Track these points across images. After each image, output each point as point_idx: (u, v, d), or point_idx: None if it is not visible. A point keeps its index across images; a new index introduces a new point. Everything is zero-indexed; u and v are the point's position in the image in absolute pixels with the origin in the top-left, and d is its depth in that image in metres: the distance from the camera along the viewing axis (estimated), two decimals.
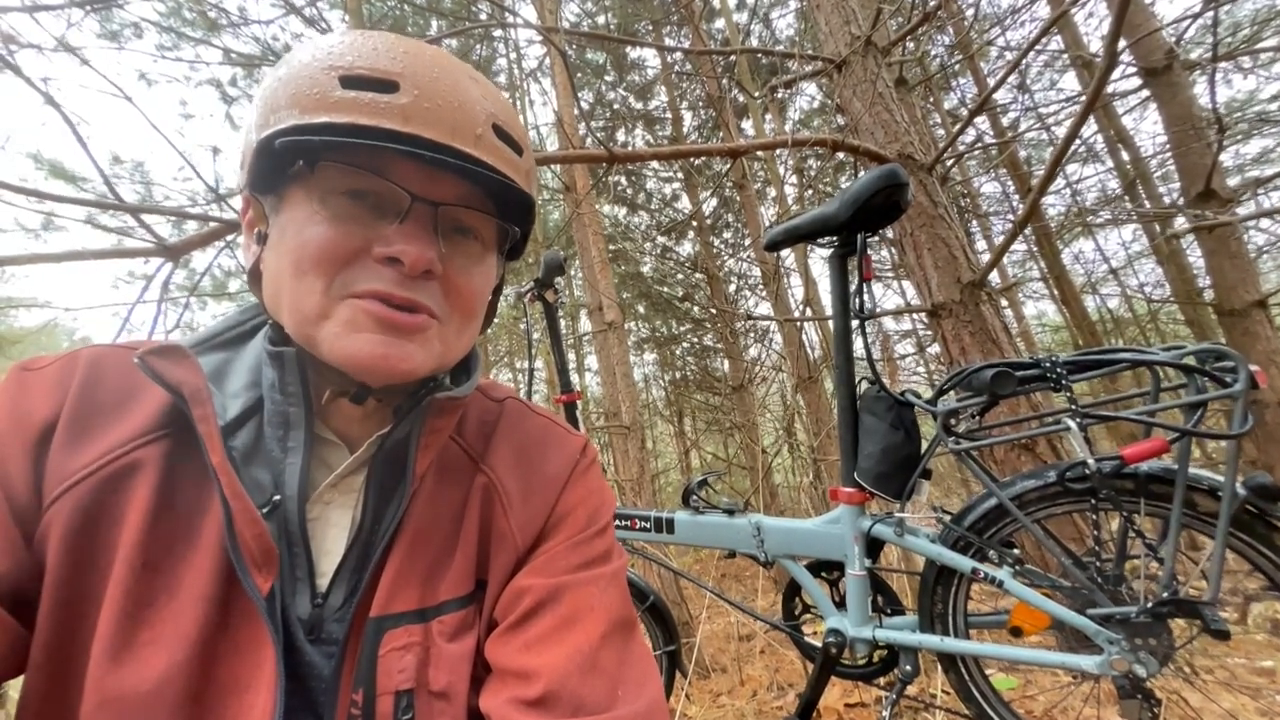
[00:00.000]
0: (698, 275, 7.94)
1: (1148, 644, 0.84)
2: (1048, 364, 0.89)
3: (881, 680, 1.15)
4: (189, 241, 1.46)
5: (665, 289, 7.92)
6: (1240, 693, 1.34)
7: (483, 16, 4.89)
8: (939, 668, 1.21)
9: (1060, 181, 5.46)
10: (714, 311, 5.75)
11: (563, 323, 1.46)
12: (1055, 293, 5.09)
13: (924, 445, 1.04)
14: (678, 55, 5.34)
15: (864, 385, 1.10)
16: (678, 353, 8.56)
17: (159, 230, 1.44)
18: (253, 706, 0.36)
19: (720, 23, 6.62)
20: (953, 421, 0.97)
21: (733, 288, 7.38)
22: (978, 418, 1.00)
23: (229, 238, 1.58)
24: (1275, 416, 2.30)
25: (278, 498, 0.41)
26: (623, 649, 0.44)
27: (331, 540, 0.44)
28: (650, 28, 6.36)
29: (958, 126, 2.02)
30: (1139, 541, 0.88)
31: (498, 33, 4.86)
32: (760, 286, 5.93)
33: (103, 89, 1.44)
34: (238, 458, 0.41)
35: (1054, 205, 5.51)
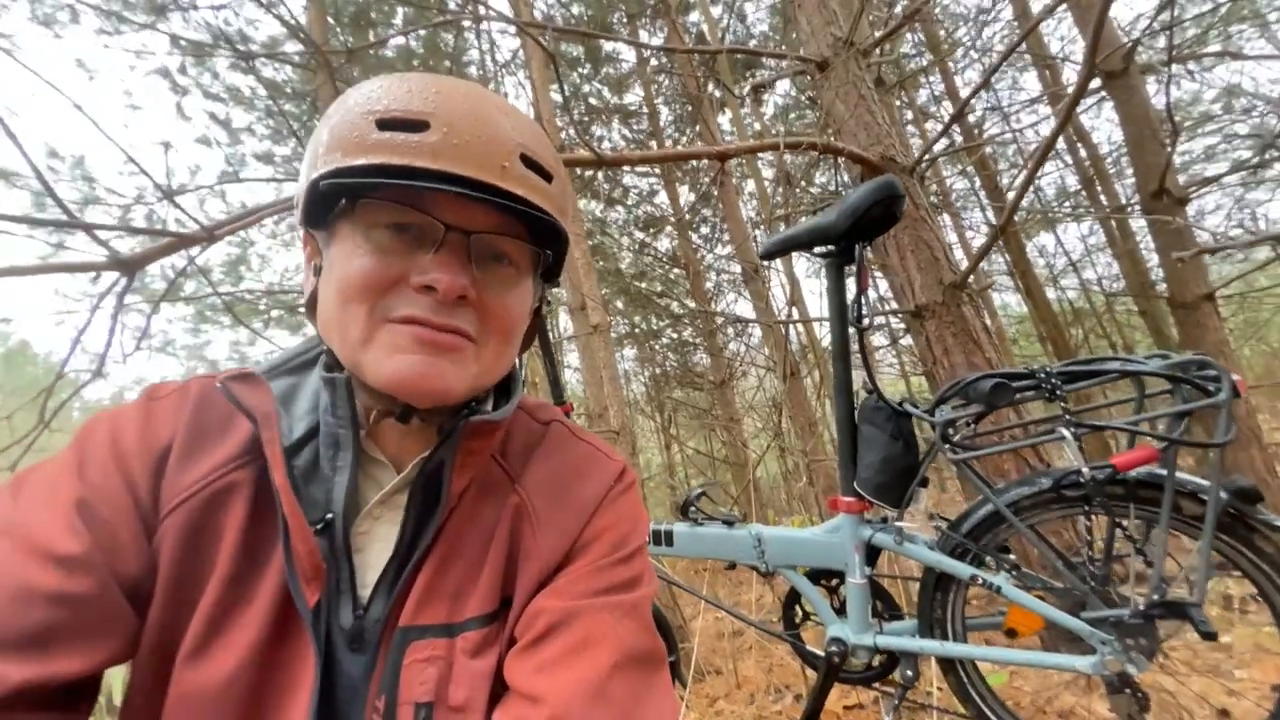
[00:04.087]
0: (676, 271, 7.95)
1: (1138, 643, 0.87)
2: (1042, 374, 0.91)
3: (877, 684, 1.17)
4: (145, 255, 1.37)
5: (644, 285, 7.90)
6: (1204, 674, 1.42)
7: (453, 4, 4.73)
8: (934, 668, 1.25)
9: (1022, 177, 5.65)
10: (695, 309, 5.76)
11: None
12: (1019, 285, 5.29)
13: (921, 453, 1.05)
14: (655, 50, 5.30)
15: (862, 395, 1.11)
16: (657, 348, 8.56)
17: (107, 232, 1.34)
18: (295, 708, 0.40)
19: (695, 15, 6.58)
20: (950, 431, 0.99)
21: (711, 283, 7.41)
22: (973, 426, 1.02)
23: (189, 250, 1.49)
24: (1242, 420, 2.42)
25: (330, 515, 0.45)
26: (638, 684, 0.43)
27: (376, 555, 0.47)
28: (625, 20, 6.28)
29: (937, 132, 2.06)
30: (1127, 544, 0.92)
31: (468, 23, 4.73)
32: (740, 282, 5.97)
33: (34, 80, 1.33)
34: (299, 477, 0.45)
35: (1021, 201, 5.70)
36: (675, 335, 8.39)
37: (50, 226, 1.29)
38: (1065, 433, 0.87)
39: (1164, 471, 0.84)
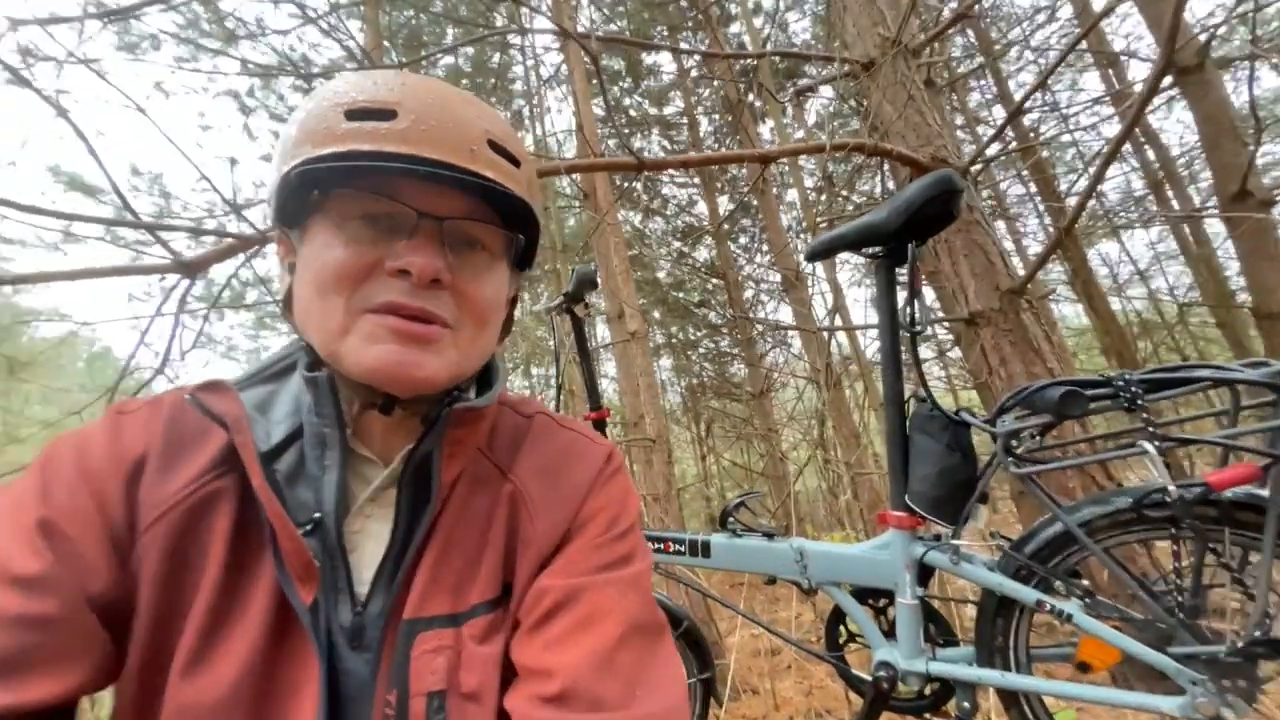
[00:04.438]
0: (714, 281, 7.90)
1: (1236, 685, 0.78)
2: (1120, 382, 0.83)
3: (929, 714, 1.09)
4: (205, 257, 1.46)
5: (681, 294, 7.88)
6: None
7: (499, 23, 4.91)
8: (993, 700, 1.16)
9: (1084, 180, 5.34)
10: (733, 318, 5.69)
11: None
12: (1080, 295, 4.97)
13: (980, 465, 0.98)
14: (694, 60, 5.32)
15: (913, 403, 1.05)
16: (694, 358, 8.51)
17: (178, 243, 1.43)
18: (300, 710, 0.40)
19: (735, 27, 6.60)
20: (1014, 443, 0.92)
21: (749, 293, 7.32)
22: (1038, 438, 0.95)
23: (247, 252, 1.57)
24: None
25: (319, 515, 0.44)
26: (643, 651, 0.45)
27: (371, 552, 0.46)
28: (666, 33, 6.35)
29: (991, 133, 1.96)
30: (1221, 572, 0.83)
31: (515, 39, 4.88)
32: (779, 291, 5.87)
33: (118, 101, 1.45)
34: (281, 480, 0.44)
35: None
36: (712, 345, 8.32)
37: (109, 224, 1.39)
38: (1149, 446, 0.79)
39: (1266, 492, 0.75)
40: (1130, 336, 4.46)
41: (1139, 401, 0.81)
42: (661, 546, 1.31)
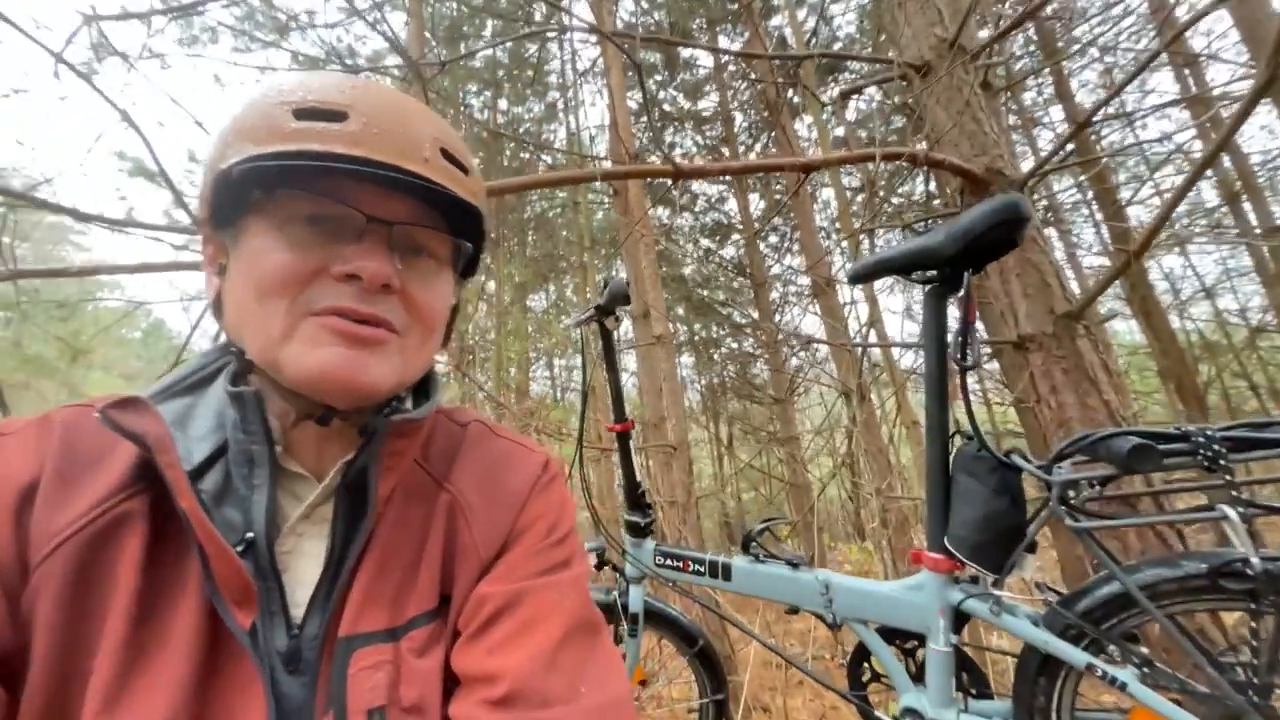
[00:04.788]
0: (740, 280, 7.77)
1: None
2: (1201, 438, 0.75)
3: None
4: None
5: (707, 292, 7.78)
6: None
7: (538, 16, 4.89)
8: None
9: (1148, 189, 5.02)
10: (761, 325, 5.58)
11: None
12: (1136, 311, 4.68)
13: (1029, 512, 0.91)
14: (737, 55, 5.19)
15: (958, 440, 0.98)
16: (716, 358, 8.40)
17: None
18: None
19: (777, 19, 6.41)
20: (1070, 494, 0.85)
21: (776, 294, 7.17)
22: (1098, 489, 0.87)
23: None
24: None
25: (250, 534, 0.42)
26: (585, 650, 0.46)
27: (305, 571, 0.45)
28: (705, 25, 6.22)
29: (1049, 142, 1.83)
30: None
31: (553, 34, 4.86)
32: (808, 294, 5.72)
33: (181, 91, 1.47)
34: (208, 500, 0.42)
35: (1138, 216, 5.07)
36: (736, 345, 8.20)
37: (159, 229, 1.41)
38: (1231, 513, 0.71)
39: None
40: (1191, 360, 4.18)
41: (1221, 462, 0.73)
42: (680, 566, 1.27)
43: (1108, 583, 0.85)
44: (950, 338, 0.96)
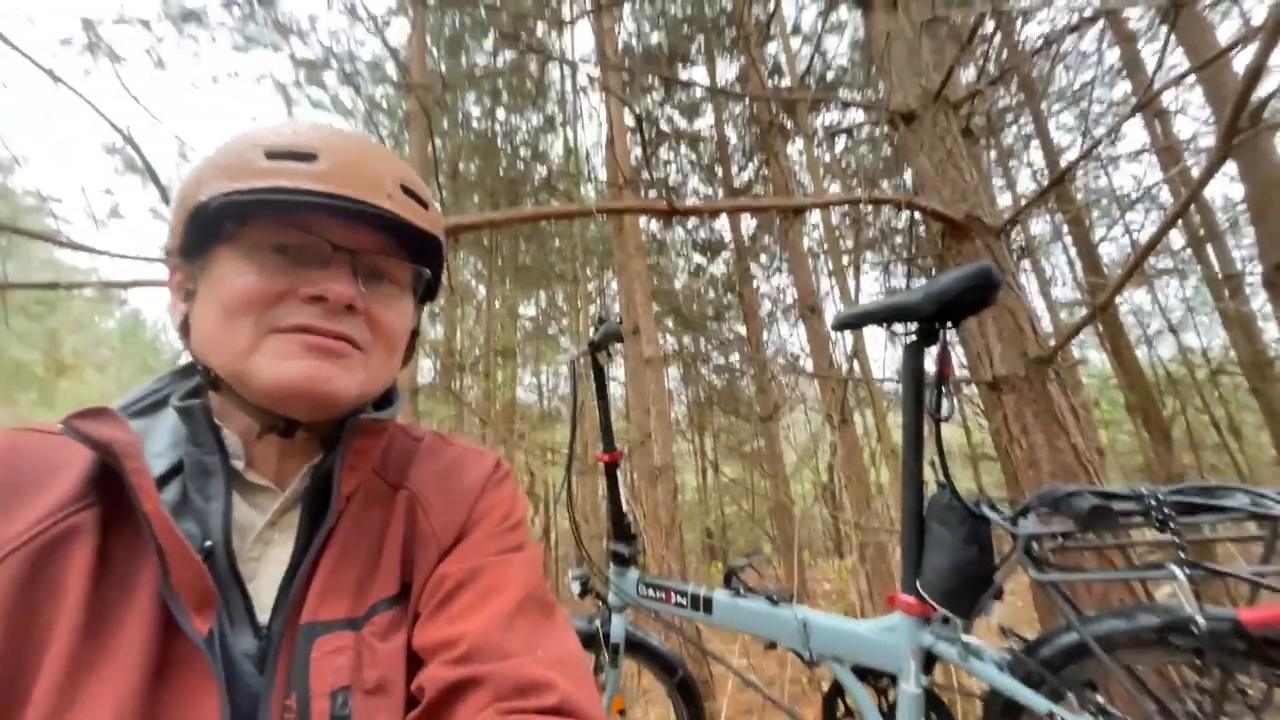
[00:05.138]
0: (730, 296, 7.87)
1: None
2: (1152, 500, 0.81)
3: None
4: None
5: (695, 306, 7.86)
6: None
7: (539, 32, 4.95)
8: None
9: (1119, 229, 5.24)
10: (750, 352, 5.65)
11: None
12: (1106, 345, 4.86)
13: (996, 560, 0.96)
14: (729, 78, 5.31)
15: (933, 488, 1.03)
16: (703, 371, 8.47)
17: None
18: None
19: (772, 47, 6.57)
20: (1034, 545, 0.89)
21: (765, 311, 7.28)
22: (1061, 540, 0.92)
23: None
24: None
25: (210, 543, 0.43)
26: (540, 620, 0.48)
27: (272, 576, 0.46)
28: (702, 46, 6.35)
29: (1030, 195, 1.92)
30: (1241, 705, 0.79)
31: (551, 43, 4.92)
32: (794, 316, 5.83)
33: (174, 85, 1.48)
34: (168, 512, 0.41)
35: (1109, 254, 5.28)
36: (723, 360, 8.28)
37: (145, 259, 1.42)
38: (1179, 573, 0.76)
39: None
40: (1157, 394, 4.34)
41: (1170, 525, 0.78)
42: (663, 596, 1.29)
43: (1067, 632, 0.89)
44: (928, 389, 1.01)
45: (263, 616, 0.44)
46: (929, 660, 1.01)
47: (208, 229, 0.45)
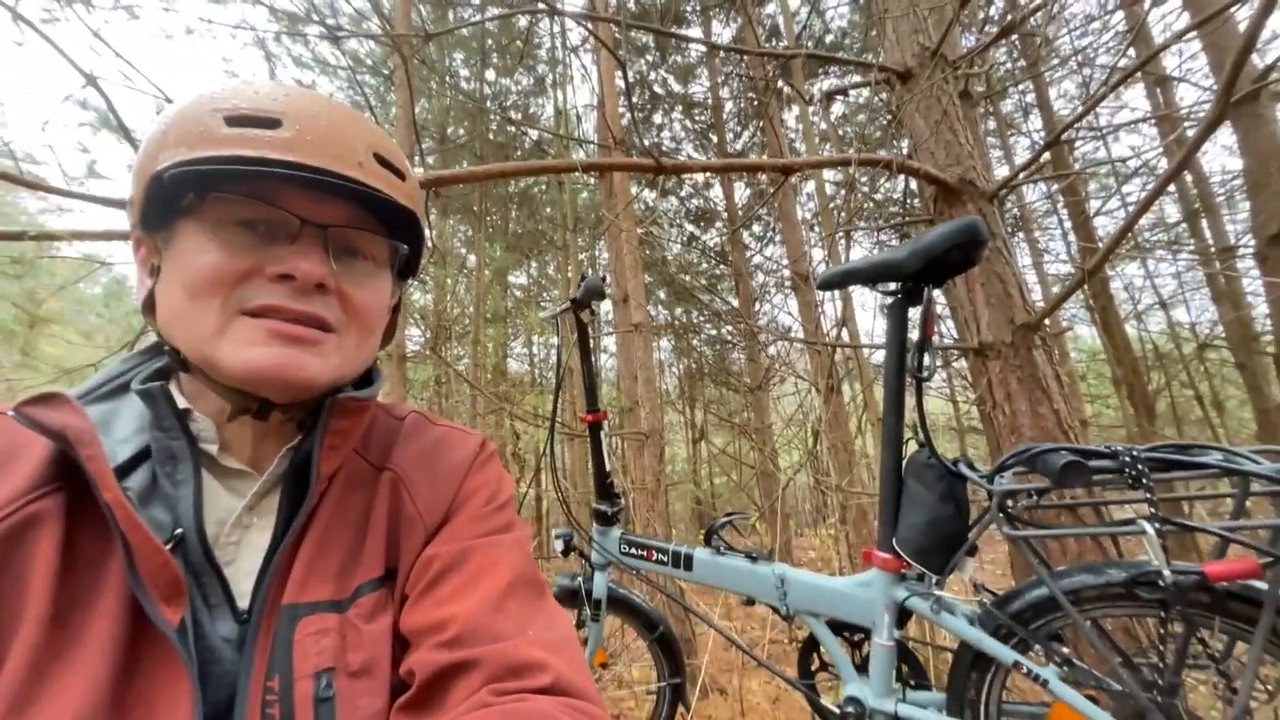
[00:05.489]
0: (722, 267, 7.80)
1: None
2: (1127, 457, 0.81)
3: None
4: None
5: (688, 278, 7.79)
6: None
7: None
8: None
9: (1115, 202, 5.19)
10: (739, 318, 5.63)
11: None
12: (1096, 319, 4.88)
13: (972, 518, 0.97)
14: (723, 39, 5.12)
15: (912, 446, 1.03)
16: (695, 343, 8.46)
17: None
18: None
19: (771, 7, 6.34)
20: (1009, 503, 0.90)
21: (757, 283, 7.22)
22: (1035, 498, 0.93)
23: None
24: None
25: (179, 530, 0.42)
26: (530, 601, 0.47)
27: (252, 560, 0.44)
28: (698, 7, 6.12)
29: (1022, 152, 1.87)
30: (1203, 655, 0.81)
31: (542, 11, 4.70)
32: (787, 285, 5.79)
33: (149, 38, 1.40)
34: (134, 498, 0.40)
35: (1105, 226, 5.25)
36: (714, 331, 8.26)
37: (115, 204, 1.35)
38: (1148, 528, 0.77)
39: (1265, 586, 0.73)
40: (1144, 368, 4.39)
41: (1144, 481, 0.78)
42: (645, 555, 1.31)
43: (1037, 586, 0.91)
44: (910, 351, 0.99)
45: (242, 602, 0.43)
46: (903, 615, 1.03)
47: (168, 201, 0.43)
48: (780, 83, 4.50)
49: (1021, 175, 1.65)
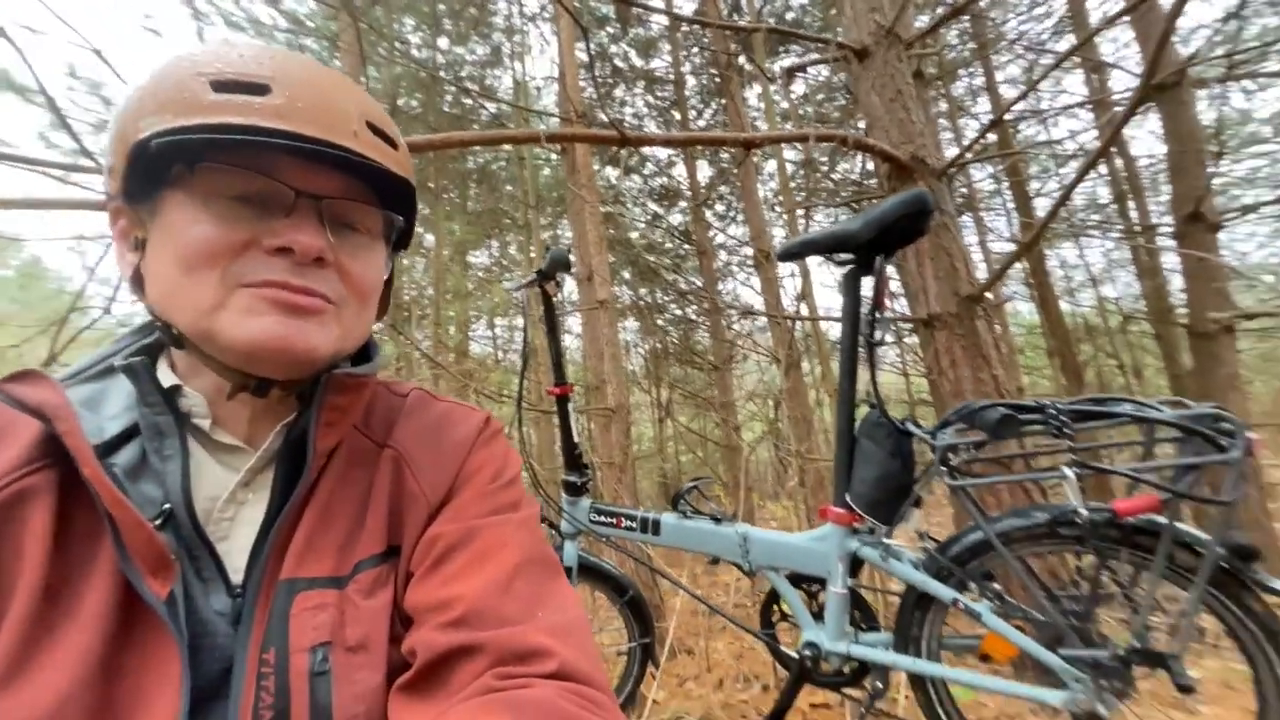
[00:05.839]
0: (686, 247, 7.83)
1: (1111, 685, 0.88)
2: (1052, 410, 0.89)
3: (846, 689, 1.20)
4: None
5: (653, 258, 7.79)
6: (1168, 707, 1.44)
7: None
8: (903, 677, 1.27)
9: (1054, 183, 5.50)
10: (703, 294, 5.69)
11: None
12: (1034, 295, 5.20)
13: (917, 473, 1.04)
14: (685, 13, 5.06)
15: (864, 408, 1.09)
16: (660, 323, 8.51)
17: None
18: (158, 707, 0.36)
19: None
20: (950, 456, 0.97)
21: (720, 263, 7.30)
22: (974, 451, 1.01)
23: None
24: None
25: (168, 505, 0.41)
26: (540, 581, 0.46)
27: (247, 535, 0.44)
28: None
29: (971, 132, 1.97)
30: (1114, 586, 0.92)
31: None
32: (750, 263, 5.88)
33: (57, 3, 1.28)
34: (120, 474, 0.41)
35: (1043, 208, 5.55)
36: (680, 311, 8.33)
37: (32, 165, 1.25)
38: (1068, 472, 0.85)
39: (1164, 520, 0.83)
40: (1074, 340, 4.72)
41: (1065, 430, 0.86)
42: (614, 522, 1.34)
43: (974, 531, 0.99)
44: (864, 316, 1.05)
45: (236, 576, 0.42)
46: (855, 564, 1.10)
47: (154, 170, 0.41)
48: (742, 59, 4.50)
49: (969, 154, 1.73)
